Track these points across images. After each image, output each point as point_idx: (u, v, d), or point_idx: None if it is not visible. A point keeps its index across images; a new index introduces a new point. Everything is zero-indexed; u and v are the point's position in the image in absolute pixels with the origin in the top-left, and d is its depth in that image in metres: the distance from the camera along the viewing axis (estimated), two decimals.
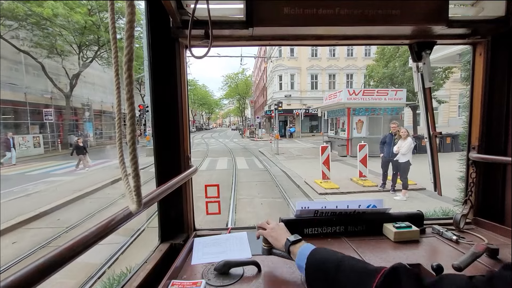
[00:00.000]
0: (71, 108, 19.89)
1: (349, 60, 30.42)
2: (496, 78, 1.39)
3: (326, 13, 1.14)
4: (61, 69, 18.45)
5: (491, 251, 1.09)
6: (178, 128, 1.30)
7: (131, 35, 0.46)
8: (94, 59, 20.07)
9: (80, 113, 21.78)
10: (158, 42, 1.21)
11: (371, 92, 13.68)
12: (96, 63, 21.01)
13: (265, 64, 37.69)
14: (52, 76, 17.82)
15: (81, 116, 21.84)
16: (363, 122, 13.41)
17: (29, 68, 17.09)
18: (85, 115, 21.94)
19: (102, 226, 0.59)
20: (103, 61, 21.38)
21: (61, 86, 18.48)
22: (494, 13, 1.29)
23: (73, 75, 18.90)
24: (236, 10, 1.24)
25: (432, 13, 1.17)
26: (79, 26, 17.10)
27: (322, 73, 30.47)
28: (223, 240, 1.31)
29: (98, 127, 24.30)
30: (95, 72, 22.67)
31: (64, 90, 18.51)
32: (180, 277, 1.02)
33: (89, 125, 22.71)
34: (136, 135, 0.51)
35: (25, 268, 0.41)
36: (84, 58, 19.82)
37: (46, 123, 17.36)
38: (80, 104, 21.34)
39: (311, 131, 31.27)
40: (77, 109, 21.38)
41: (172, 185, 1.01)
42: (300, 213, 1.34)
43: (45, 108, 17.32)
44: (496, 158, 1.37)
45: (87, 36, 18.60)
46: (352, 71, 30.71)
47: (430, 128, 1.41)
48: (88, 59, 20.03)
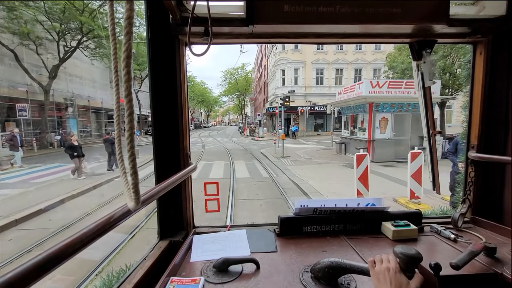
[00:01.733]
0: (52, 103, 17.65)
1: (358, 53, 27.96)
2: (496, 77, 1.39)
3: (326, 11, 1.14)
4: (40, 59, 16.15)
5: (488, 250, 1.09)
6: (178, 125, 1.30)
7: (129, 32, 0.46)
8: (77, 49, 17.66)
9: (63, 109, 19.56)
10: (157, 39, 1.21)
11: (398, 84, 11.06)
12: (82, 54, 18.90)
13: (266, 61, 36.17)
14: (30, 67, 15.50)
15: (64, 112, 19.70)
16: (387, 120, 10.97)
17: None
18: (68, 111, 19.78)
19: (101, 223, 0.58)
20: (90, 52, 19.08)
21: (43, 79, 16.20)
22: (495, 12, 1.28)
23: (53, 66, 16.53)
24: (236, 7, 1.23)
25: (433, 12, 1.17)
26: (58, 10, 15.10)
27: (329, 67, 28.10)
28: (222, 237, 1.31)
29: (87, 124, 22.34)
30: (83, 64, 20.80)
31: (43, 83, 16.13)
32: (179, 274, 1.03)
33: (72, 122, 20.15)
34: (134, 132, 0.51)
35: (23, 265, 0.41)
36: (67, 47, 17.34)
37: (20, 119, 14.98)
38: (63, 99, 19.11)
39: (315, 130, 29.22)
40: (60, 104, 19.07)
41: (172, 182, 1.01)
42: (299, 211, 1.34)
43: (19, 103, 14.84)
44: (495, 158, 1.37)
45: (70, 22, 16.20)
46: (360, 66, 28.28)
47: (430, 127, 1.41)
48: (71, 48, 17.52)
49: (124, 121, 0.52)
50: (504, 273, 0.99)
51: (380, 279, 0.72)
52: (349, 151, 12.75)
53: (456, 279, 0.97)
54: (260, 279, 0.98)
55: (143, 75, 27.72)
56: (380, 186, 6.99)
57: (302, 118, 27.39)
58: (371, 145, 10.97)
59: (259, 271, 1.03)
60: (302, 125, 27.84)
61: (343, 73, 28.39)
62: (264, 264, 1.07)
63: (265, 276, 1.00)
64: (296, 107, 26.67)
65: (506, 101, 1.38)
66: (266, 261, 1.09)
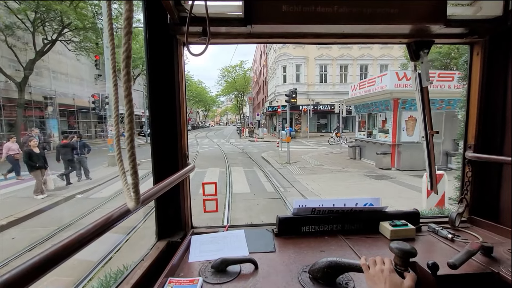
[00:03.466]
0: (30, 102, 15.88)
1: (364, 49, 25.95)
2: (493, 77, 1.40)
3: (324, 11, 1.14)
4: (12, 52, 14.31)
5: (485, 249, 1.10)
6: (176, 125, 1.30)
7: (129, 32, 0.46)
8: (56, 41, 15.62)
9: (43, 108, 17.60)
10: (155, 39, 1.20)
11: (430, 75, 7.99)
12: (67, 49, 17.14)
13: (265, 58, 34.57)
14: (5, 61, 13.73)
15: (44, 112, 17.75)
16: (416, 120, 8.80)
17: None
18: (48, 110, 17.71)
19: (99, 223, 0.58)
20: (75, 46, 17.04)
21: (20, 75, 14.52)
22: (492, 13, 1.29)
23: (29, 61, 14.63)
24: (234, 7, 1.23)
25: (430, 12, 1.17)
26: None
27: (333, 63, 26.14)
28: (220, 237, 1.31)
29: (73, 124, 20.72)
30: (69, 61, 19.14)
31: (17, 79, 14.34)
32: (177, 274, 1.03)
33: (53, 122, 18.09)
34: (134, 133, 0.51)
35: (20, 266, 0.41)
36: (46, 40, 15.37)
37: None
38: (42, 97, 17.28)
39: (318, 131, 27.44)
40: (40, 103, 17.18)
41: (170, 182, 1.01)
42: (298, 211, 1.35)
43: None
44: (492, 158, 1.38)
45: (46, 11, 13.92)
46: (367, 62, 26.37)
47: (427, 127, 1.42)
48: (51, 41, 15.47)
49: (123, 121, 0.52)
50: (501, 272, 1.00)
51: (375, 281, 0.74)
52: (366, 155, 11.02)
53: (453, 278, 0.98)
54: (259, 279, 0.98)
55: (136, 73, 25.91)
56: (412, 201, 5.59)
57: (304, 118, 25.51)
58: (395, 150, 9.14)
59: (258, 271, 1.03)
60: (305, 125, 26.09)
61: (348, 70, 26.52)
62: (263, 264, 1.07)
63: (263, 276, 1.00)
64: (299, 106, 24.65)
65: (503, 102, 1.39)
66: (265, 261, 1.10)
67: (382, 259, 0.79)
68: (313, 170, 9.67)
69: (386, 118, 9.77)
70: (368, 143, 10.94)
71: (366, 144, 11.12)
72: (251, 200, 6.15)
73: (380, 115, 10.20)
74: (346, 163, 10.85)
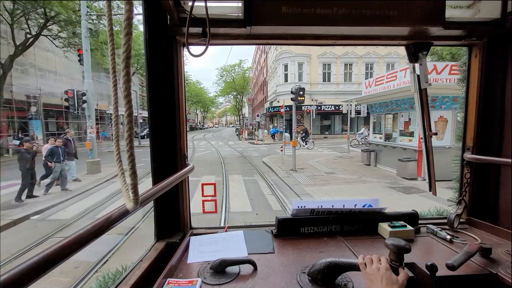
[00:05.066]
0: (11, 101, 14.70)
1: (369, 46, 23.60)
2: (491, 79, 1.41)
3: (324, 13, 1.15)
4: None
5: (484, 251, 1.10)
6: (175, 126, 1.30)
7: (129, 32, 0.46)
8: (39, 36, 14.36)
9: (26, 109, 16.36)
10: (155, 39, 1.20)
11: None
12: (54, 45, 15.77)
13: (265, 57, 33.26)
14: None
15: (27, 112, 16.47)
16: (447, 121, 7.57)
17: None
18: (31, 110, 16.44)
19: (98, 224, 0.58)
20: (62, 42, 15.68)
21: None
22: (490, 15, 1.30)
23: (8, 56, 13.45)
24: (234, 8, 1.23)
25: (429, 15, 1.18)
26: None
27: (337, 62, 24.83)
28: (219, 238, 1.31)
29: (62, 126, 19.36)
30: (58, 58, 17.92)
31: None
32: (176, 275, 1.02)
33: (36, 123, 16.81)
34: (133, 133, 0.51)
35: (19, 266, 0.41)
36: (29, 34, 14.07)
37: None
38: (25, 96, 16.04)
39: (321, 133, 26.00)
40: (22, 102, 15.99)
41: (169, 183, 1.01)
42: (297, 212, 1.35)
43: None
44: (490, 159, 1.38)
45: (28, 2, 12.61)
46: (372, 60, 25.11)
47: (426, 128, 1.43)
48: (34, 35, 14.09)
49: (117, 121, 0.52)
50: (499, 274, 1.00)
51: (372, 280, 0.77)
52: (382, 161, 9.74)
53: (452, 279, 0.98)
54: (258, 280, 0.98)
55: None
56: None
57: (307, 119, 23.42)
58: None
59: (257, 272, 1.03)
60: (308, 127, 24.29)
61: (352, 68, 25.15)
62: (262, 265, 1.07)
63: (262, 277, 1.00)
64: (301, 106, 22.81)
65: (501, 103, 1.40)
66: (264, 262, 1.09)
67: (378, 257, 0.83)
68: (325, 179, 8.31)
69: (409, 118, 8.30)
70: (385, 147, 9.53)
71: (383, 149, 9.78)
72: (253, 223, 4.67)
73: (402, 115, 8.68)
74: (361, 171, 9.52)
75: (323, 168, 10.18)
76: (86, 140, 10.60)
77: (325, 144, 20.32)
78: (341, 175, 8.77)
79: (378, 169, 9.73)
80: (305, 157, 12.81)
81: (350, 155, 13.46)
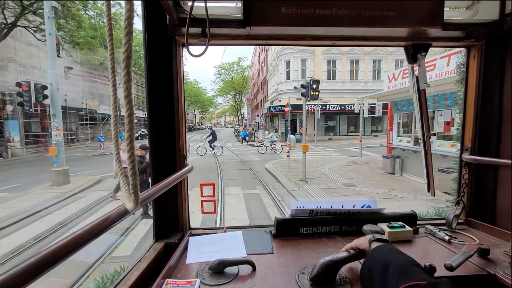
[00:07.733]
0: None
1: None
2: (490, 81, 1.41)
3: (323, 14, 1.15)
4: None
5: (482, 251, 1.11)
6: (174, 126, 1.30)
7: (129, 32, 0.46)
8: (15, 26, 13.06)
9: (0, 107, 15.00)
10: (154, 39, 1.20)
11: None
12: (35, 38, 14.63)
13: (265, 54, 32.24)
14: None
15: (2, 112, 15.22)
16: None
17: None
18: (7, 109, 15.31)
19: (96, 225, 0.58)
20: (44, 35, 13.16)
21: None
22: (489, 17, 1.31)
23: None
24: (234, 9, 1.23)
25: (428, 16, 1.18)
26: None
27: (342, 58, 23.38)
28: (218, 239, 1.31)
29: (47, 127, 17.59)
30: (44, 54, 15.88)
31: None
32: (175, 276, 1.02)
33: (13, 123, 15.51)
34: (133, 133, 0.51)
35: (17, 267, 0.40)
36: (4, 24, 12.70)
37: None
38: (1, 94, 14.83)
39: (326, 134, 24.75)
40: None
41: (168, 183, 1.01)
42: (296, 213, 1.35)
43: None
44: (488, 160, 1.39)
45: None
46: (380, 56, 23.63)
47: (425, 129, 1.44)
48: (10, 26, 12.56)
49: (115, 122, 0.51)
50: (497, 274, 1.00)
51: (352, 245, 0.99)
52: (409, 170, 8.23)
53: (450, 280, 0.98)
54: (256, 280, 0.98)
55: None
56: None
57: (310, 119, 21.99)
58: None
59: (255, 272, 1.03)
60: (311, 128, 22.69)
61: (359, 65, 23.79)
62: (260, 265, 1.07)
63: (261, 278, 1.00)
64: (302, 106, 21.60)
65: (499, 104, 1.40)
66: (262, 262, 1.09)
67: None
68: (345, 194, 6.72)
69: (452, 118, 6.69)
70: (415, 153, 7.93)
71: (411, 155, 8.23)
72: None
73: (441, 113, 7.02)
74: (387, 182, 7.96)
75: (338, 177, 8.60)
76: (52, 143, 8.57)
77: (331, 146, 18.92)
78: (364, 188, 7.18)
79: (406, 179, 8.24)
80: (314, 162, 11.09)
81: (364, 159, 11.98)
